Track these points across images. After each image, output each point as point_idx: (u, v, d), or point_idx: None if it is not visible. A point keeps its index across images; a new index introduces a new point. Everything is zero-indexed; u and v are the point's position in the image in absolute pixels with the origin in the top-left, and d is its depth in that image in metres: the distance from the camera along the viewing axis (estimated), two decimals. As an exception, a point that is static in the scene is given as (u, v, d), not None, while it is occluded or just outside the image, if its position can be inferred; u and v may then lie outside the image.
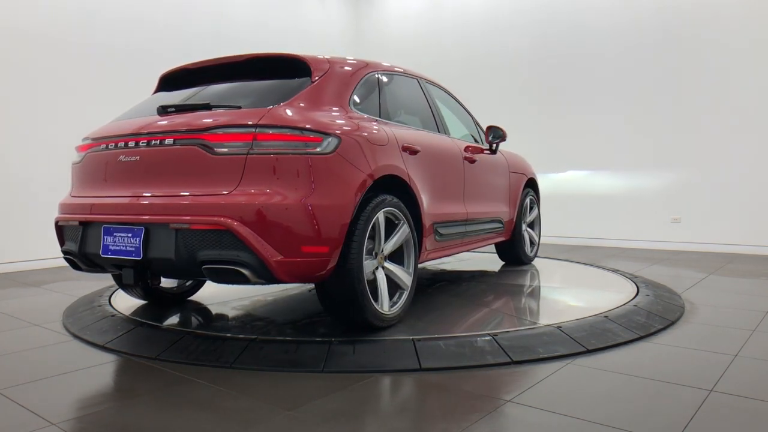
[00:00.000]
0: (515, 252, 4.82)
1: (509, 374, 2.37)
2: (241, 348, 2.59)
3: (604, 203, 7.12)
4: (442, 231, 3.40)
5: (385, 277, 2.83)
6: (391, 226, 2.87)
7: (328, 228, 2.43)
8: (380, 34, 9.12)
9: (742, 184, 6.18)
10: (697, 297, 3.84)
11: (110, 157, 2.71)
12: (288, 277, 2.40)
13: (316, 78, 2.79)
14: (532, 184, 5.07)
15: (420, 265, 4.94)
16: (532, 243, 5.06)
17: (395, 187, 2.91)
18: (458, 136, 4.11)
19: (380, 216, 2.73)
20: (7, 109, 5.46)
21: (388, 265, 2.86)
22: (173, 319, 3.12)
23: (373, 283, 2.76)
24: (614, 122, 6.99)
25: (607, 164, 7.10)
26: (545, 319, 3.07)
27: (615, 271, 4.60)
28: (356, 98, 2.95)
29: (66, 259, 2.94)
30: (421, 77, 3.83)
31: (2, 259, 5.41)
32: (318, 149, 2.46)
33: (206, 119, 2.52)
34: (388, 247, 2.85)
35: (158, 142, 2.54)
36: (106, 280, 4.57)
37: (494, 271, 4.73)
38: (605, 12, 7.02)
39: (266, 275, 2.36)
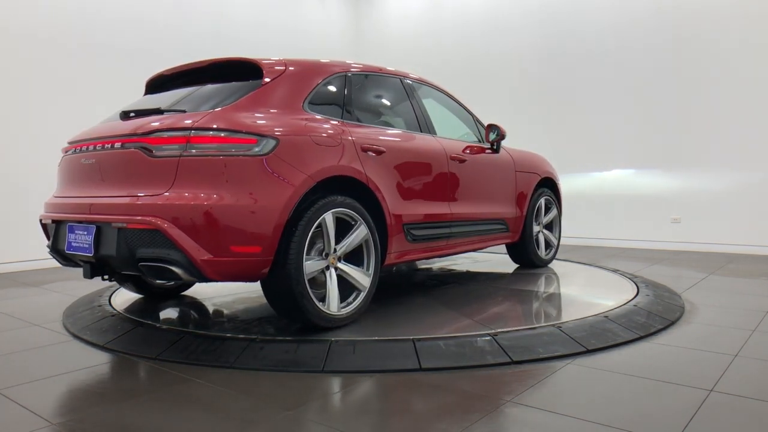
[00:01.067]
0: (526, 254, 4.63)
1: (509, 374, 2.37)
2: (241, 348, 2.59)
3: (604, 203, 7.12)
4: (416, 232, 3.33)
5: (336, 277, 2.83)
6: (347, 227, 2.89)
7: (258, 228, 2.49)
8: (380, 34, 9.12)
9: (742, 184, 6.18)
10: (697, 297, 3.84)
11: (77, 160, 2.90)
12: (218, 276, 2.47)
13: (267, 81, 2.85)
14: (549, 184, 4.86)
15: (426, 265, 4.98)
16: (548, 245, 4.86)
17: (352, 187, 2.93)
18: (456, 135, 4.09)
19: (328, 217, 2.74)
20: (7, 109, 5.46)
21: (341, 265, 2.85)
22: (173, 319, 3.12)
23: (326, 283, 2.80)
24: (614, 122, 6.99)
25: (607, 164, 7.10)
26: (545, 319, 3.07)
27: (615, 271, 4.59)
28: (314, 100, 2.97)
29: (50, 254, 3.11)
30: (406, 76, 3.78)
31: (2, 259, 5.41)
32: (253, 151, 2.52)
33: (150, 124, 2.62)
34: (342, 247, 2.86)
35: (110, 146, 2.69)
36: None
37: (499, 273, 4.73)
38: (605, 12, 7.02)
39: (196, 273, 2.44)
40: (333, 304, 2.79)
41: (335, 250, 2.82)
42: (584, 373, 2.37)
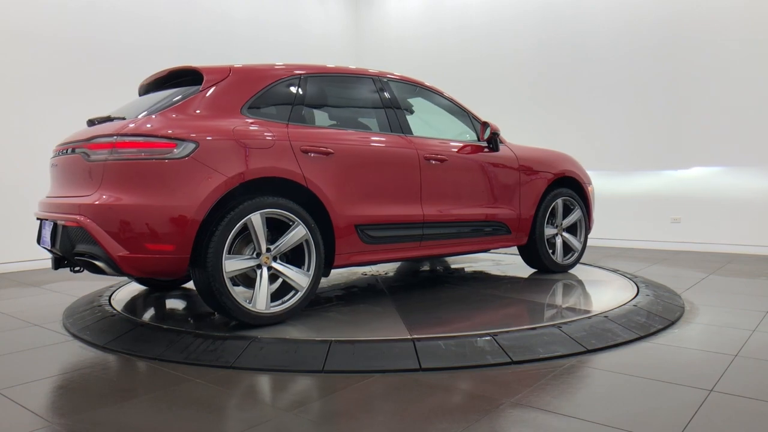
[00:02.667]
0: (538, 259, 4.34)
1: (509, 374, 2.37)
2: (241, 348, 2.60)
3: (604, 203, 7.11)
4: (373, 233, 3.30)
5: (267, 276, 2.88)
6: (285, 227, 2.97)
7: (172, 228, 2.64)
8: (380, 34, 9.12)
9: (742, 184, 6.18)
10: (697, 297, 3.84)
11: (52, 163, 3.26)
12: (135, 271, 2.70)
13: (205, 87, 3.00)
14: (570, 183, 4.53)
15: (432, 266, 4.98)
16: (569, 249, 4.50)
17: (290, 188, 3.00)
18: (452, 134, 4.02)
19: (255, 217, 2.81)
20: (7, 109, 5.46)
21: (276, 265, 2.92)
22: (173, 319, 3.12)
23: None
24: (614, 122, 6.99)
25: (607, 164, 7.10)
26: (545, 319, 3.07)
27: (615, 271, 4.59)
28: (256, 104, 3.08)
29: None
30: (382, 76, 3.73)
31: (2, 259, 5.41)
32: (171, 154, 2.67)
33: (92, 131, 2.94)
34: (278, 247, 2.92)
35: (66, 151, 3.02)
36: (106, 280, 4.57)
37: (505, 274, 4.73)
38: (605, 12, 7.01)
39: (115, 268, 2.68)
40: (260, 303, 2.85)
41: (269, 250, 2.90)
42: (584, 373, 2.37)
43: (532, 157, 4.31)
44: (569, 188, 4.50)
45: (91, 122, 3.09)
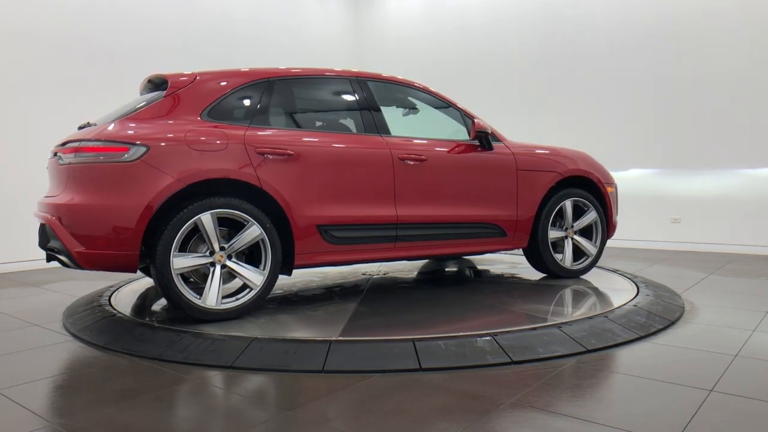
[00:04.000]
0: (542, 262, 4.12)
1: (509, 374, 2.37)
2: (241, 348, 2.60)
3: (604, 203, 7.11)
4: (338, 234, 3.30)
5: (219, 274, 3.00)
6: (240, 227, 3.07)
7: (120, 226, 2.83)
8: (380, 34, 9.12)
9: (742, 184, 6.18)
10: (697, 297, 3.84)
11: (47, 165, 3.39)
12: (91, 266, 2.88)
13: (168, 93, 3.16)
14: (585, 183, 4.27)
15: (435, 266, 4.97)
16: (582, 253, 4.25)
17: (245, 189, 3.08)
18: (446, 134, 3.93)
19: (204, 217, 2.93)
20: (7, 109, 5.46)
21: (230, 263, 3.03)
22: (173, 319, 3.12)
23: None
24: (614, 122, 6.99)
25: (607, 164, 7.05)
26: (545, 319, 3.07)
27: (615, 271, 4.59)
28: (218, 108, 3.19)
29: None
30: (361, 76, 3.70)
31: (2, 259, 5.41)
32: (123, 158, 2.85)
33: (68, 137, 3.18)
34: (231, 246, 3.03)
35: (54, 154, 3.19)
36: (106, 280, 4.57)
37: (510, 274, 4.73)
38: (605, 12, 7.01)
39: (74, 263, 2.90)
40: (210, 299, 2.97)
41: (223, 248, 3.02)
42: (584, 374, 2.37)
43: (534, 155, 4.10)
44: (583, 188, 4.24)
45: (81, 128, 3.29)
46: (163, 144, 2.92)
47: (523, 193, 3.99)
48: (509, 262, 5.15)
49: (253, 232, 3.05)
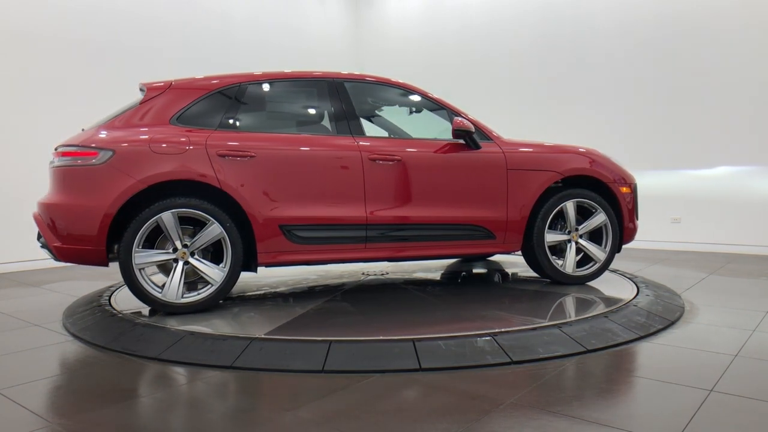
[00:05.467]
0: (540, 267, 3.90)
1: (509, 374, 2.37)
2: (241, 348, 2.60)
3: (604, 203, 7.11)
4: (302, 234, 3.34)
5: (181, 270, 3.19)
6: (201, 226, 3.24)
7: (87, 224, 3.08)
8: (380, 35, 9.12)
9: (742, 184, 6.18)
10: (697, 297, 3.84)
11: None
12: (66, 258, 3.17)
13: (144, 101, 3.40)
14: (593, 184, 3.98)
15: (439, 267, 4.97)
16: (589, 258, 3.94)
17: (207, 190, 3.24)
18: (434, 133, 3.84)
19: (165, 216, 3.12)
20: (7, 110, 5.46)
21: (192, 260, 3.22)
22: (173, 319, 3.13)
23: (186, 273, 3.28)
24: (614, 123, 6.99)
25: (607, 164, 7.10)
26: (545, 319, 3.07)
27: (615, 271, 4.59)
28: (187, 113, 3.37)
29: None
30: (337, 77, 3.68)
31: (2, 259, 5.41)
32: (92, 161, 3.12)
33: (60, 143, 3.39)
34: (194, 243, 3.21)
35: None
36: (106, 280, 4.57)
37: (504, 274, 4.73)
38: (605, 12, 7.01)
39: (54, 256, 3.19)
40: (171, 293, 3.16)
41: (186, 246, 3.20)
42: (584, 374, 2.37)
43: (528, 154, 3.86)
44: (591, 189, 3.94)
45: (83, 130, 3.51)
46: (127, 148, 3.15)
47: (514, 194, 3.76)
48: (510, 263, 5.15)
49: (214, 230, 3.19)
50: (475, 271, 4.79)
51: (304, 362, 2.48)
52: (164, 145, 3.19)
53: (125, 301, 3.59)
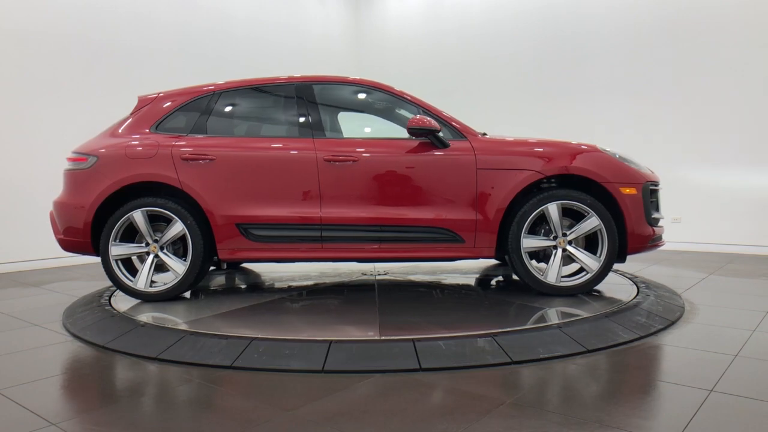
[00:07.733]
0: (519, 276, 3.59)
1: (509, 374, 2.37)
2: (241, 348, 2.60)
3: (604, 203, 7.10)
4: (258, 232, 3.51)
5: (151, 262, 3.57)
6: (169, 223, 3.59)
7: (76, 220, 3.58)
8: (380, 34, 9.12)
9: (742, 184, 6.18)
10: (697, 297, 3.84)
11: None
12: (67, 248, 3.69)
13: (134, 111, 3.83)
14: (589, 184, 3.57)
15: (439, 267, 4.97)
16: (580, 269, 3.58)
17: (171, 191, 3.60)
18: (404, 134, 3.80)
19: (136, 214, 3.51)
20: (8, 109, 5.46)
21: (161, 254, 3.58)
22: (173, 319, 3.13)
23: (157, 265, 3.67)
24: (614, 122, 6.99)
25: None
26: (545, 319, 3.07)
27: (615, 271, 4.59)
28: (167, 121, 3.73)
29: None
30: (306, 81, 3.75)
31: (2, 259, 5.41)
32: (83, 166, 3.62)
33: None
34: (163, 239, 3.56)
35: None
36: (106, 280, 4.56)
37: (504, 274, 4.73)
38: (605, 12, 7.02)
39: (60, 246, 3.72)
40: (140, 282, 3.55)
41: (156, 240, 3.57)
42: (584, 374, 2.37)
43: (503, 153, 3.55)
44: (585, 190, 3.56)
45: None
46: (107, 154, 3.59)
47: (484, 195, 3.50)
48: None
49: (177, 227, 3.52)
50: (475, 271, 4.80)
51: (304, 362, 2.48)
52: (137, 151, 3.58)
53: (125, 301, 3.59)
